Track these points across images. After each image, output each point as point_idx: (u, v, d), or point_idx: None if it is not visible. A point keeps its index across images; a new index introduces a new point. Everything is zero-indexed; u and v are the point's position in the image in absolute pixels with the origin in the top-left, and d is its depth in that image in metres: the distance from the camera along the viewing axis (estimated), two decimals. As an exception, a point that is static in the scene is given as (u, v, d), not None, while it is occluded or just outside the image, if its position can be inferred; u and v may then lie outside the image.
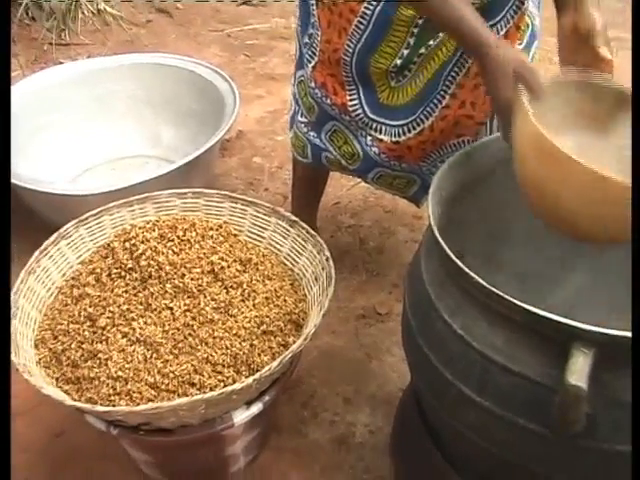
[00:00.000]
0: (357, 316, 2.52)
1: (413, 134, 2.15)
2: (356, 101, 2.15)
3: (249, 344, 1.80)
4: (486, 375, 1.40)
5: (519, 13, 2.01)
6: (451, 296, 1.47)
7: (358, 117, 2.18)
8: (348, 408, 2.21)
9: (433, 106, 2.10)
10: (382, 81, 2.11)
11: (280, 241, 2.11)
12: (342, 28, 2.05)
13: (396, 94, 2.13)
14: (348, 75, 2.11)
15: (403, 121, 2.16)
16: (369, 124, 2.19)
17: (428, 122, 2.12)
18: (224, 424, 1.77)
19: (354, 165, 2.32)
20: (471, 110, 2.11)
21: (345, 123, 2.26)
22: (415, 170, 2.30)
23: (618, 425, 1.32)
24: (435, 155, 2.22)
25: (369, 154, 2.25)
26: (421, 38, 2.01)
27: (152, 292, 1.83)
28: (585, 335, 1.26)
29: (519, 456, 1.43)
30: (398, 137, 2.16)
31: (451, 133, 2.15)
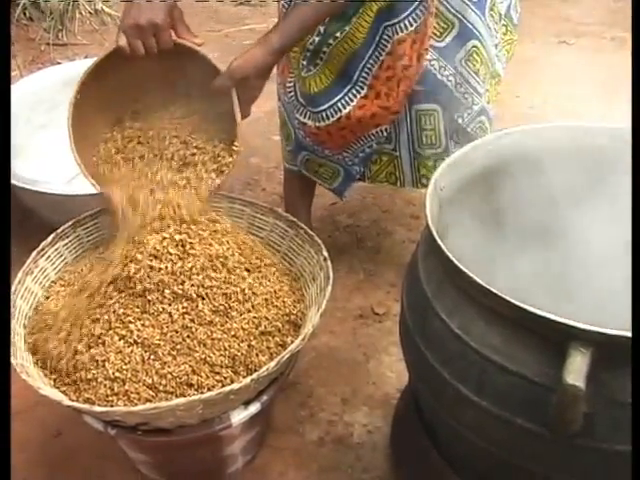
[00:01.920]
0: (355, 316, 2.52)
1: (332, 121, 2.25)
2: (292, 83, 2.31)
3: (247, 345, 1.80)
4: (484, 374, 1.40)
5: (425, 12, 2.11)
6: (449, 296, 1.48)
7: (292, 99, 2.32)
8: (346, 408, 2.21)
9: (352, 95, 2.22)
10: (297, 70, 2.25)
11: (278, 241, 2.11)
12: (280, 13, 2.23)
13: (308, 83, 2.25)
14: (287, 57, 2.26)
15: (321, 107, 2.25)
16: (297, 107, 2.31)
17: (345, 110, 2.23)
18: (222, 424, 1.77)
19: (290, 146, 2.48)
20: (386, 101, 2.21)
21: (284, 104, 2.40)
22: (339, 160, 2.41)
23: (616, 425, 1.32)
24: (356, 145, 2.35)
25: (298, 136, 2.38)
26: (331, 26, 2.14)
27: (150, 299, 1.82)
28: (583, 335, 1.26)
29: (517, 455, 1.44)
30: (319, 122, 2.26)
31: (368, 123, 2.26)
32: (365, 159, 2.39)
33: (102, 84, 1.94)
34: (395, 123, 2.30)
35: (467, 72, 2.23)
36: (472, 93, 2.27)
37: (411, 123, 2.30)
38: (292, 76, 2.30)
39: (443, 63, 2.21)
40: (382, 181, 2.49)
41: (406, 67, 2.15)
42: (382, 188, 2.89)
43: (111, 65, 1.92)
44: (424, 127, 2.30)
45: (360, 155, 2.37)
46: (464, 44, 2.21)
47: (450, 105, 2.27)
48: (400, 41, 2.12)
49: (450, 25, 2.17)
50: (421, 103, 2.27)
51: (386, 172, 2.44)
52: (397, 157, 2.39)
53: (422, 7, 2.09)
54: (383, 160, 2.40)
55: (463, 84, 2.24)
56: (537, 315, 1.30)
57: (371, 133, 2.30)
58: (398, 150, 2.37)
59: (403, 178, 2.43)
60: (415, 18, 2.10)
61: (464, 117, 2.29)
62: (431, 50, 2.18)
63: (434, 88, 2.23)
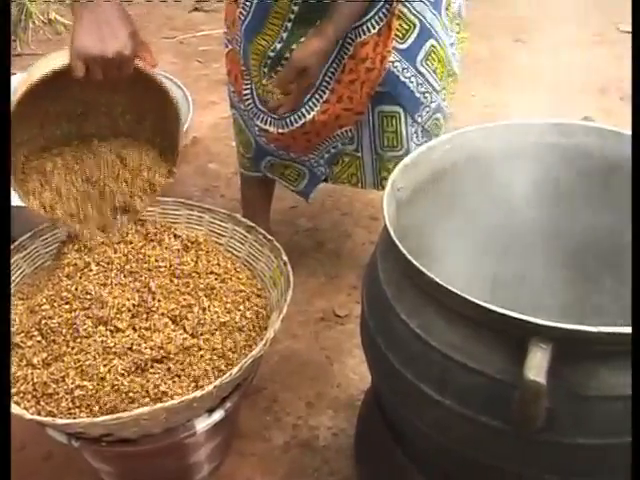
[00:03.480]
0: (317, 319, 2.52)
1: (296, 127, 2.26)
2: (248, 91, 2.30)
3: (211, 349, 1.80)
4: (446, 373, 1.40)
5: (389, 14, 2.12)
6: (408, 296, 1.48)
7: (250, 107, 2.31)
8: (311, 411, 2.21)
9: (315, 101, 2.22)
10: (257, 78, 2.24)
11: (238, 247, 2.11)
12: (234, 18, 2.21)
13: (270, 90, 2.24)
14: (242, 64, 2.25)
15: (284, 114, 2.25)
16: (257, 114, 2.30)
17: (310, 116, 2.24)
18: (186, 432, 1.76)
19: (249, 153, 2.47)
20: (349, 103, 2.22)
21: (240, 112, 2.39)
22: (304, 161, 2.42)
23: (578, 418, 1.32)
24: (321, 146, 2.35)
25: (259, 143, 2.37)
26: (294, 34, 2.13)
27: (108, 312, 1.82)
28: (542, 330, 1.27)
29: (482, 453, 1.44)
30: (282, 128, 2.26)
31: (333, 125, 2.27)
32: (330, 160, 2.39)
33: (41, 101, 1.88)
34: (358, 124, 2.30)
35: (426, 71, 2.24)
36: (431, 92, 2.28)
37: (373, 125, 2.30)
38: (247, 84, 2.29)
39: (405, 65, 2.21)
40: (344, 182, 2.49)
41: (369, 70, 2.15)
42: (341, 191, 2.90)
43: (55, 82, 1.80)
44: (386, 129, 2.30)
45: (325, 156, 2.38)
46: (423, 44, 2.22)
47: (412, 107, 2.27)
48: (363, 44, 2.13)
49: (412, 26, 2.17)
50: (384, 105, 2.27)
51: (348, 173, 2.44)
52: (359, 158, 2.39)
53: (385, 9, 2.09)
54: (345, 161, 2.41)
55: (424, 84, 2.25)
56: (496, 312, 1.31)
57: (336, 134, 2.31)
58: (360, 151, 2.38)
59: (365, 179, 2.44)
60: (378, 20, 2.10)
61: (422, 116, 2.30)
62: (394, 52, 2.18)
63: (397, 90, 2.24)
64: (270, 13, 2.12)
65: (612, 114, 3.86)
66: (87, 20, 1.72)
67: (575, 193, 1.91)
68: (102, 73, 1.76)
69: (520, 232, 1.96)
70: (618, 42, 4.66)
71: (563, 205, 1.93)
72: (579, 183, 1.89)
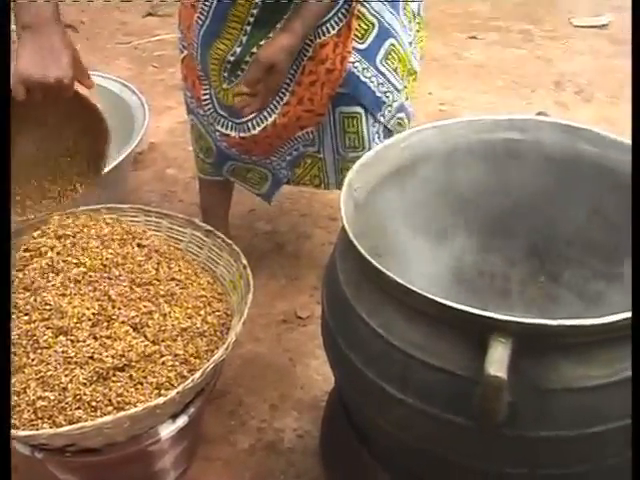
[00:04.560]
0: (279, 321, 2.52)
1: (257, 130, 2.25)
2: (207, 96, 2.28)
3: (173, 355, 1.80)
4: (408, 372, 1.40)
5: (348, 15, 2.11)
6: (368, 295, 1.48)
7: (209, 112, 2.29)
8: (275, 414, 2.20)
9: (276, 103, 2.20)
10: (217, 82, 2.22)
11: (197, 251, 2.11)
12: (190, 23, 2.18)
13: (229, 95, 2.23)
14: (199, 70, 2.23)
15: (246, 118, 2.25)
16: (217, 119, 2.29)
17: (271, 119, 2.23)
18: (151, 439, 1.76)
19: (210, 159, 2.45)
20: (310, 105, 2.21)
21: (199, 117, 2.37)
22: (266, 164, 2.41)
23: (540, 412, 1.33)
24: (283, 149, 2.35)
25: (220, 148, 2.35)
26: (253, 37, 2.12)
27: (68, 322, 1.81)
28: (502, 325, 1.28)
29: (446, 450, 1.44)
30: (244, 133, 2.25)
31: (294, 127, 2.27)
32: (292, 162, 2.38)
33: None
34: (320, 126, 2.30)
35: (387, 70, 2.23)
36: (392, 91, 2.27)
37: (335, 126, 2.29)
38: (206, 89, 2.28)
39: (366, 65, 2.21)
40: (306, 184, 2.49)
41: (330, 71, 2.15)
42: (300, 192, 2.90)
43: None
44: (347, 130, 2.30)
45: (287, 159, 2.37)
46: (382, 44, 2.22)
47: (373, 106, 2.26)
48: (322, 45, 2.12)
49: (371, 26, 2.17)
50: (345, 106, 2.26)
51: (310, 175, 2.43)
52: (321, 160, 2.38)
53: (344, 10, 2.09)
54: (307, 163, 2.40)
55: (385, 83, 2.25)
56: (456, 309, 1.31)
57: (297, 136, 2.30)
58: (322, 153, 2.37)
59: (327, 181, 2.43)
60: (337, 21, 2.09)
61: (385, 115, 2.30)
62: (354, 52, 2.17)
63: (358, 91, 2.23)
64: (229, 17, 2.10)
65: (568, 108, 3.90)
66: (30, 45, 1.75)
67: (531, 188, 1.92)
68: (42, 96, 1.80)
69: (478, 228, 1.97)
70: (572, 36, 4.70)
71: (520, 200, 1.94)
72: (535, 178, 1.90)
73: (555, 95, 4.03)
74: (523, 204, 1.94)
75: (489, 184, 1.91)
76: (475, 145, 1.88)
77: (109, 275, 1.92)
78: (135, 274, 1.94)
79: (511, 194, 1.93)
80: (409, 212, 1.86)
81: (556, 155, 1.85)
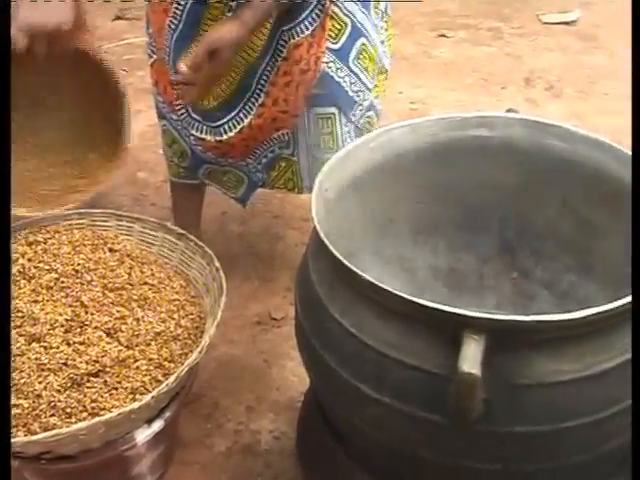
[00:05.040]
0: (253, 323, 2.51)
1: (234, 133, 2.22)
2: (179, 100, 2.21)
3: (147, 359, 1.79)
4: (382, 371, 1.41)
5: (322, 15, 2.08)
6: (341, 295, 1.48)
7: (183, 116, 2.26)
8: (251, 416, 2.19)
9: (251, 105, 2.18)
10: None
11: (169, 255, 2.10)
12: (160, 27, 2.14)
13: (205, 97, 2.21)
14: (171, 74, 2.17)
15: (221, 121, 2.23)
16: (192, 123, 2.26)
17: (247, 120, 2.20)
18: (126, 444, 1.75)
19: (185, 163, 2.42)
20: (285, 106, 2.19)
21: (172, 122, 2.34)
22: (242, 167, 2.39)
23: (514, 407, 1.34)
24: (259, 151, 2.32)
25: (196, 152, 2.32)
26: None
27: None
28: (474, 322, 1.28)
29: (422, 448, 1.44)
30: (220, 136, 2.23)
31: (270, 128, 2.24)
32: (268, 165, 2.37)
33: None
34: (295, 128, 2.29)
35: (359, 70, 2.23)
36: (364, 90, 2.27)
37: (309, 127, 2.28)
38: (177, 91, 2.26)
39: (339, 65, 2.21)
40: (280, 187, 2.48)
41: (304, 71, 2.13)
42: (272, 194, 2.89)
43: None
44: (322, 131, 2.29)
45: (263, 161, 2.35)
46: (355, 43, 2.22)
47: (346, 106, 2.26)
48: (296, 45, 2.10)
49: (344, 26, 2.17)
50: (320, 106, 2.26)
51: (284, 178, 2.42)
52: (296, 163, 2.37)
53: (318, 10, 2.07)
54: (282, 166, 2.39)
55: (357, 82, 2.25)
56: (428, 307, 1.32)
57: (273, 137, 2.28)
58: (297, 156, 2.35)
59: (301, 184, 2.42)
60: (311, 22, 2.07)
61: (356, 114, 2.30)
62: (327, 52, 2.17)
63: (332, 91, 2.23)
64: (203, 21, 2.09)
65: (538, 105, 3.91)
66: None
67: (502, 185, 1.93)
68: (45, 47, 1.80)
69: (451, 226, 1.98)
70: (541, 33, 4.72)
71: (492, 197, 1.94)
72: (505, 175, 1.91)
73: (525, 92, 4.04)
74: (494, 201, 1.94)
75: (460, 181, 1.92)
76: (445, 143, 1.89)
77: (81, 281, 1.92)
78: (107, 279, 1.94)
79: (482, 191, 1.94)
80: (380, 211, 1.86)
81: (526, 151, 1.86)
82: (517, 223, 1.95)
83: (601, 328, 1.35)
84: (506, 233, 1.97)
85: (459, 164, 1.89)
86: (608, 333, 1.36)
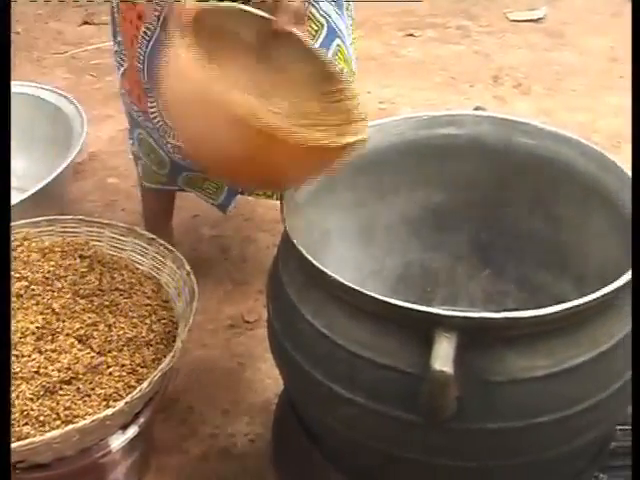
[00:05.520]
0: (226, 326, 2.51)
1: None
2: (155, 108, 2.18)
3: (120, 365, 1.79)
4: (354, 371, 1.41)
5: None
6: (312, 297, 1.48)
7: (158, 124, 2.21)
8: (227, 420, 2.19)
9: None
10: None
11: (140, 260, 2.09)
12: (133, 35, 2.10)
13: None
14: (145, 82, 2.14)
15: None
16: (169, 131, 2.21)
17: None
18: (101, 451, 1.75)
19: (164, 170, 2.37)
20: None
21: (148, 130, 2.29)
22: None
23: (487, 405, 1.35)
24: None
25: (174, 160, 2.29)
26: None
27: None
28: (445, 320, 1.29)
29: (396, 447, 1.45)
30: None
31: None
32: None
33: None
34: None
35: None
36: None
37: None
38: (153, 101, 2.21)
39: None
40: (259, 194, 2.47)
41: None
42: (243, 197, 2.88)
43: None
44: None
45: None
46: (330, 44, 2.19)
47: None
48: None
49: (320, 27, 2.14)
50: None
51: None
52: None
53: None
54: None
55: None
56: (399, 307, 1.32)
57: None
58: None
59: None
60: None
61: None
62: None
63: None
64: None
65: (506, 102, 3.92)
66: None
67: (472, 183, 1.93)
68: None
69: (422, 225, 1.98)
70: (508, 31, 4.73)
71: (462, 195, 1.95)
72: (475, 172, 1.92)
73: (493, 89, 4.06)
74: (465, 199, 1.95)
75: (430, 180, 1.93)
76: (414, 142, 1.89)
77: (52, 288, 1.92)
78: (78, 286, 1.94)
79: (453, 189, 1.94)
80: (351, 211, 1.86)
81: (495, 149, 1.87)
82: (488, 221, 1.96)
83: (572, 324, 1.36)
84: (477, 231, 1.98)
85: (429, 163, 1.89)
86: (579, 328, 1.37)
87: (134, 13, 2.07)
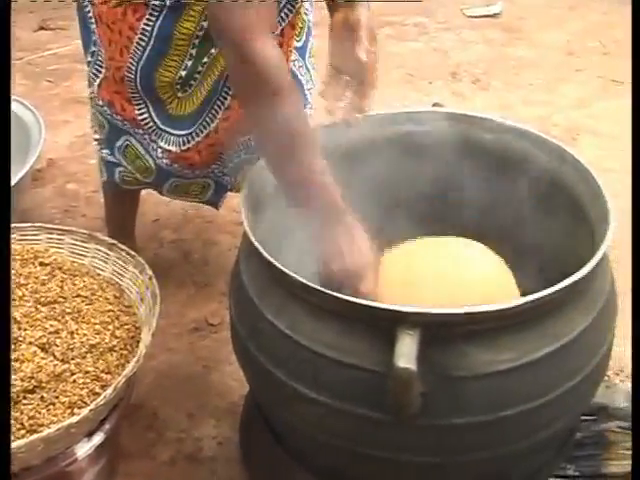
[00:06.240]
0: (190, 330, 2.50)
1: (201, 138, 2.16)
2: (146, 114, 2.15)
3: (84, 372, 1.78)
4: (318, 371, 1.42)
5: (294, 12, 2.05)
6: (274, 297, 1.48)
7: (151, 129, 2.18)
8: (193, 423, 2.18)
9: (217, 108, 2.12)
10: (169, 93, 2.10)
11: (102, 266, 2.08)
12: (124, 46, 2.04)
13: (184, 103, 2.14)
14: (134, 91, 2.10)
15: (190, 129, 2.16)
16: (161, 135, 2.18)
17: (213, 125, 2.14)
18: (67, 460, 1.73)
19: (149, 178, 2.32)
20: None
21: (137, 137, 2.24)
22: (208, 174, 2.32)
23: (452, 400, 1.37)
24: (225, 157, 2.26)
25: (161, 166, 2.25)
26: (203, 47, 2.02)
27: None
28: (407, 318, 1.29)
29: (363, 445, 1.46)
30: (188, 144, 2.16)
31: (236, 132, 2.18)
32: (235, 169, 2.32)
33: None
34: None
35: (312, 68, 2.22)
36: (312, 88, 2.26)
37: None
38: (141, 108, 2.16)
39: (301, 62, 2.19)
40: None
41: None
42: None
43: None
44: None
45: (230, 166, 2.30)
46: (309, 41, 2.21)
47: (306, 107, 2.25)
48: None
49: (304, 24, 2.14)
50: None
51: None
52: None
53: (287, 9, 2.03)
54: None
55: (309, 81, 2.23)
56: (361, 305, 1.33)
57: (239, 142, 2.24)
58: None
59: None
60: (280, 21, 2.03)
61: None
62: (293, 50, 2.14)
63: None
64: (175, 36, 2.02)
65: (465, 98, 3.94)
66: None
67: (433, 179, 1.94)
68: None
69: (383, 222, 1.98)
70: (465, 27, 4.76)
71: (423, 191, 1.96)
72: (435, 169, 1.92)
73: (452, 86, 4.08)
74: (426, 195, 1.96)
75: (390, 178, 1.93)
76: (374, 140, 1.90)
77: (13, 296, 1.89)
78: (39, 293, 1.92)
79: (413, 186, 1.95)
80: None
81: (454, 144, 1.88)
82: (450, 216, 1.96)
83: (534, 317, 1.37)
84: (440, 226, 1.98)
85: (389, 161, 1.90)
86: (541, 322, 1.39)
87: (125, 25, 2.02)
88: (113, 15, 2.02)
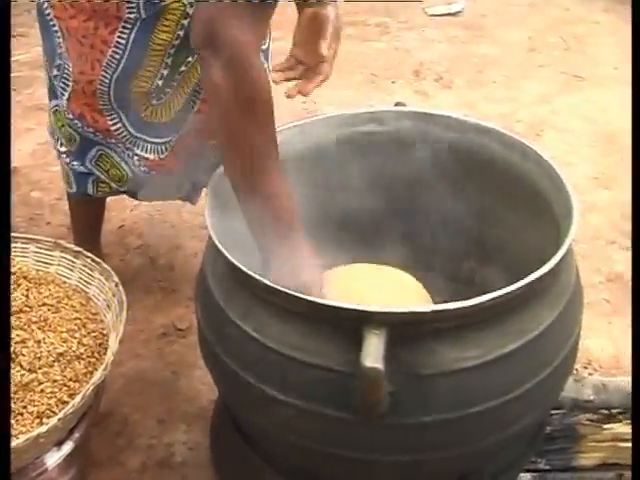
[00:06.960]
0: (158, 335, 2.49)
1: (180, 134, 2.18)
2: (119, 124, 2.12)
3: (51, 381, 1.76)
4: (286, 373, 1.41)
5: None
6: (240, 300, 1.48)
7: (125, 138, 2.15)
8: (163, 429, 2.17)
9: (192, 103, 2.14)
10: (143, 101, 2.08)
11: (67, 274, 2.07)
12: (95, 59, 2.00)
13: (158, 111, 2.13)
14: (106, 103, 2.07)
15: (169, 137, 2.17)
16: (136, 143, 2.16)
17: (188, 129, 2.14)
18: (37, 470, 1.72)
19: (124, 187, 2.30)
20: None
21: (111, 146, 2.21)
22: (184, 177, 2.32)
23: (420, 398, 1.36)
24: (200, 160, 2.23)
25: (138, 174, 2.23)
26: (179, 56, 2.02)
27: None
28: (373, 317, 1.29)
29: (333, 445, 1.45)
30: (166, 152, 2.16)
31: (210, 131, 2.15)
32: (211, 169, 2.30)
33: None
34: None
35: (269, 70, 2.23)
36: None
37: None
38: (114, 118, 2.13)
39: (267, 65, 2.20)
40: None
41: None
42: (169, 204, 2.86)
43: None
44: None
45: (204, 166, 2.28)
46: (270, 43, 2.24)
47: None
48: None
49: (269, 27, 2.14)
50: None
51: None
52: None
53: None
54: None
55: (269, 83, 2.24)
56: (326, 306, 1.33)
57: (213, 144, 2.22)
58: None
59: None
60: None
61: None
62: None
63: None
64: (150, 47, 2.01)
65: (429, 96, 3.96)
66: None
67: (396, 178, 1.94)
68: None
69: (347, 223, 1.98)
70: (427, 26, 4.78)
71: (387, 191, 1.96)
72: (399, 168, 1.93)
73: (415, 85, 4.09)
74: (389, 195, 1.96)
75: (354, 178, 1.93)
76: (336, 140, 1.90)
77: (-24, 308, 1.88)
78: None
79: (377, 185, 1.95)
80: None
81: (416, 143, 1.88)
82: (414, 215, 1.97)
83: (499, 313, 1.38)
84: (404, 225, 1.99)
85: (352, 160, 1.90)
86: (507, 317, 1.39)
87: (97, 39, 1.99)
88: (84, 29, 1.99)
